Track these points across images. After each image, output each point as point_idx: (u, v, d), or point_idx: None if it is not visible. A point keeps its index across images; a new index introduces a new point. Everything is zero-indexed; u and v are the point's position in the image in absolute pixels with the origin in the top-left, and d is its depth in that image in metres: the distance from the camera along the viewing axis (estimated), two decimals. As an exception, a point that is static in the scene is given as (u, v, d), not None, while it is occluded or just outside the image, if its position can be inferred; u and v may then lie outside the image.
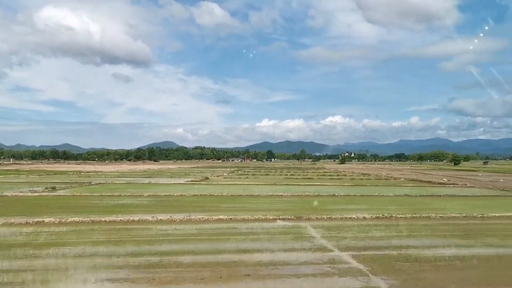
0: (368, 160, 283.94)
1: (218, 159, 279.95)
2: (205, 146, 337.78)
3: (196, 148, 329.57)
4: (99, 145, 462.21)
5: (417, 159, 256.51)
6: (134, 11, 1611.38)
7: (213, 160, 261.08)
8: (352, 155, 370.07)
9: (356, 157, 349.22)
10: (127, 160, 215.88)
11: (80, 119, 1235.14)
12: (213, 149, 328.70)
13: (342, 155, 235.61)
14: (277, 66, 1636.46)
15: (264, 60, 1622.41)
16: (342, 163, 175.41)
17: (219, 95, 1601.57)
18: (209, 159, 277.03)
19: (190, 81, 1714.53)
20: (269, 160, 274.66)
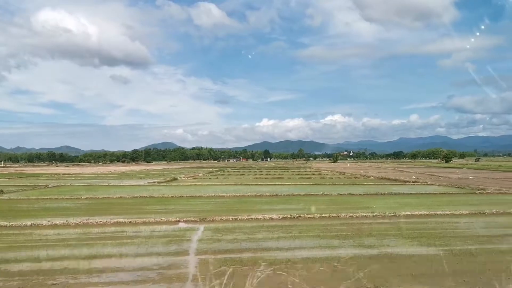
0: (364, 159, 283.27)
1: (215, 160, 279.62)
2: (203, 147, 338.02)
3: (193, 148, 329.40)
4: (98, 147, 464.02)
5: (411, 157, 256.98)
6: (131, 12, 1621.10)
7: (209, 161, 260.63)
8: (351, 153, 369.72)
9: (355, 155, 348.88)
10: (120, 162, 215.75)
11: (79, 121, 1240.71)
12: (211, 150, 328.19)
13: (335, 154, 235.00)
14: (276, 66, 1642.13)
15: (263, 60, 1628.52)
16: (334, 162, 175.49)
17: (218, 96, 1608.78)
18: (206, 160, 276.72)
19: (189, 82, 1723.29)
20: (265, 160, 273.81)
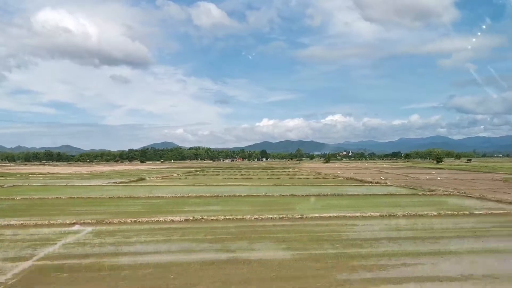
0: (362, 159, 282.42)
1: (211, 159, 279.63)
2: (201, 147, 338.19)
3: (191, 148, 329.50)
4: (99, 146, 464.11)
5: (405, 157, 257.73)
6: (131, 12, 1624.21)
7: (204, 161, 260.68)
8: (350, 154, 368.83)
9: (354, 156, 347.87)
10: (114, 161, 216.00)
11: (80, 121, 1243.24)
12: (208, 149, 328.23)
13: (328, 154, 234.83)
14: (276, 66, 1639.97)
15: (263, 60, 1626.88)
16: (326, 162, 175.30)
17: (218, 96, 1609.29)
18: (203, 160, 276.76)
19: (189, 81, 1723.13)
20: (260, 160, 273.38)
